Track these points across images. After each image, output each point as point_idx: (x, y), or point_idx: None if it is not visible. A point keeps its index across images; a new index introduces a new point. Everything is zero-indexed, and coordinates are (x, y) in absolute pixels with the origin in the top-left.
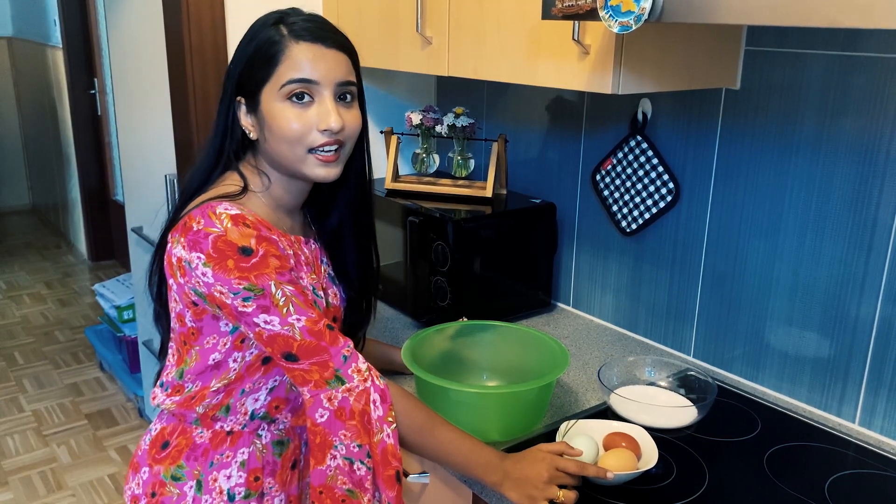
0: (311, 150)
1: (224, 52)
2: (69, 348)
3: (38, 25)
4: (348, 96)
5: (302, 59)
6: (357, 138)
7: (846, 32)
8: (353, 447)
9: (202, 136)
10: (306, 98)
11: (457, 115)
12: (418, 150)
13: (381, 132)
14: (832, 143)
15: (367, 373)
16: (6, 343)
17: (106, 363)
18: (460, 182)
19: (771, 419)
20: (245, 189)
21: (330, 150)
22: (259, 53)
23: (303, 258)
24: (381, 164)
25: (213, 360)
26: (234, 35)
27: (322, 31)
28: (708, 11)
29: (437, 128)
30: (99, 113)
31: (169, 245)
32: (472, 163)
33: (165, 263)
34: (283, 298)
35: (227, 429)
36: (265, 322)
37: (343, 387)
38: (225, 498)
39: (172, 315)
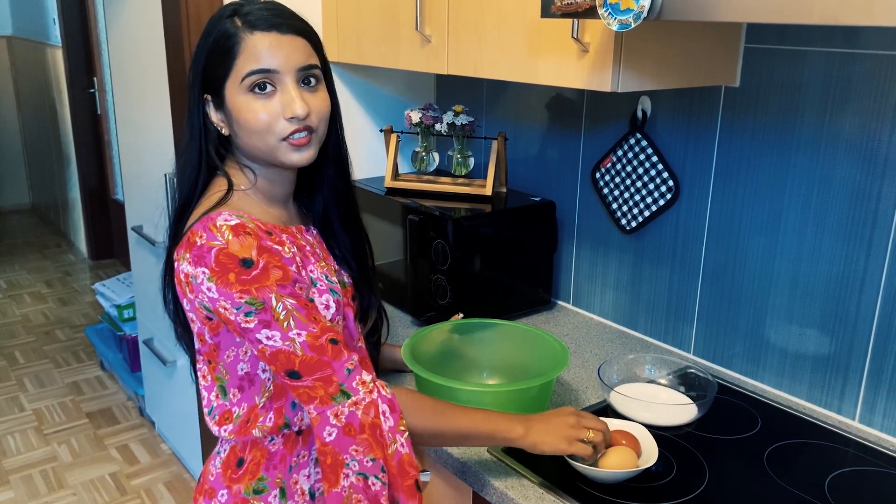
0: (283, 139)
1: None
2: (70, 347)
3: (38, 24)
4: (312, 80)
5: (259, 49)
6: (329, 120)
7: (845, 29)
8: (367, 462)
9: None
10: (269, 88)
11: (456, 114)
12: (418, 149)
13: (381, 130)
14: (832, 140)
15: (372, 384)
16: (7, 342)
17: (106, 362)
18: (460, 180)
19: (771, 416)
20: (230, 189)
21: (301, 135)
22: (217, 48)
23: (308, 248)
24: (381, 162)
25: (242, 370)
26: None
27: (277, 18)
28: (707, 9)
29: (437, 126)
30: (98, 112)
31: (176, 263)
32: (471, 161)
33: (176, 282)
34: (283, 312)
35: (296, 429)
36: (267, 338)
37: (349, 400)
38: (307, 498)
39: (194, 336)
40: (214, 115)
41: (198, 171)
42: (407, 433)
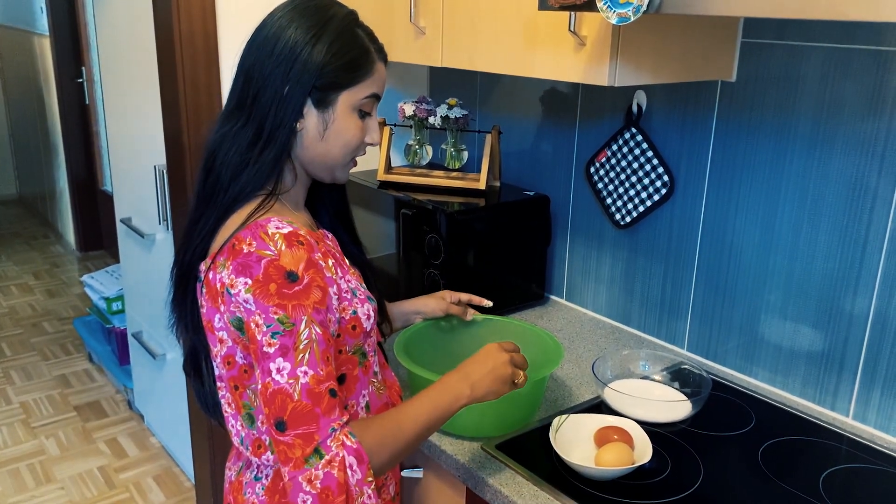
0: (352, 158)
1: (214, 40)
2: (57, 340)
3: (24, 13)
4: None
5: (382, 78)
6: None
7: (843, 25)
8: None
9: (192, 127)
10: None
11: (450, 107)
12: (411, 142)
13: None
14: (828, 136)
15: (341, 434)
16: None
17: (95, 355)
18: (453, 174)
19: (765, 413)
20: (273, 192)
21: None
22: (353, 56)
23: (338, 254)
24: (374, 155)
25: None
26: (225, 24)
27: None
28: (707, 2)
29: (430, 119)
30: (87, 102)
31: (211, 272)
32: (465, 154)
33: (206, 293)
34: (305, 341)
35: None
36: (277, 370)
37: (322, 461)
38: None
39: (217, 361)
40: (309, 112)
41: (273, 166)
42: (374, 484)
